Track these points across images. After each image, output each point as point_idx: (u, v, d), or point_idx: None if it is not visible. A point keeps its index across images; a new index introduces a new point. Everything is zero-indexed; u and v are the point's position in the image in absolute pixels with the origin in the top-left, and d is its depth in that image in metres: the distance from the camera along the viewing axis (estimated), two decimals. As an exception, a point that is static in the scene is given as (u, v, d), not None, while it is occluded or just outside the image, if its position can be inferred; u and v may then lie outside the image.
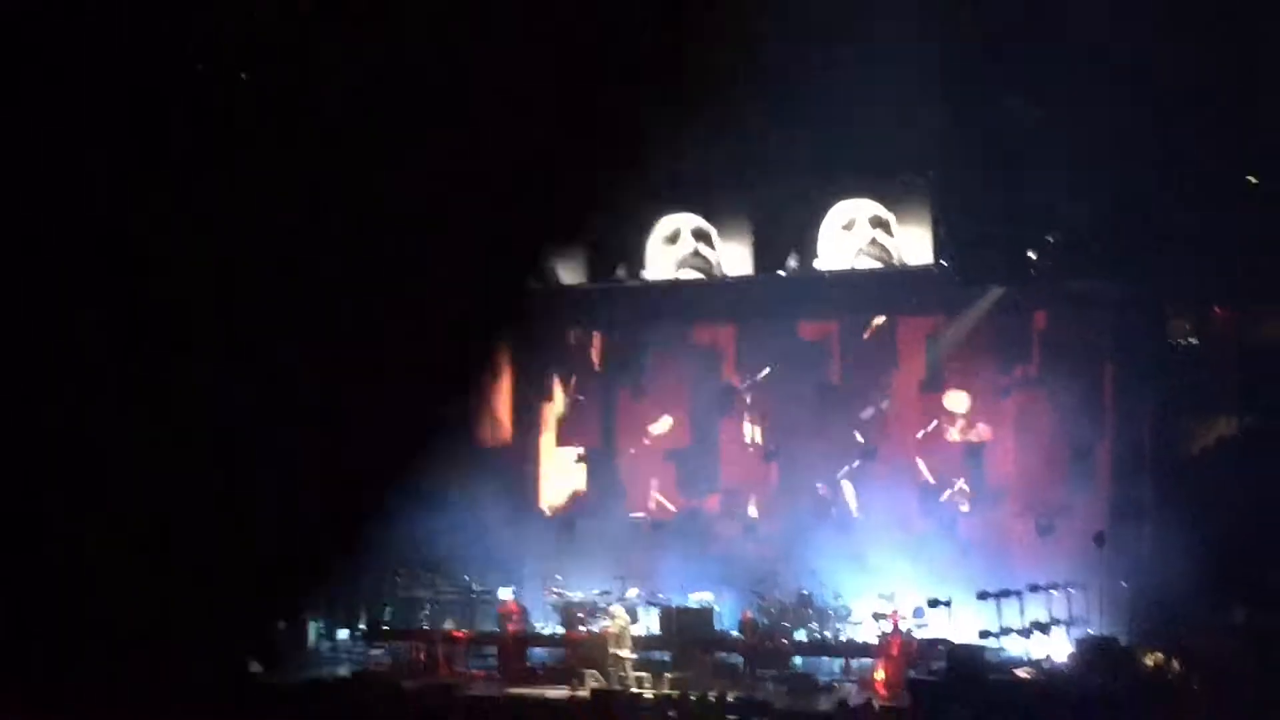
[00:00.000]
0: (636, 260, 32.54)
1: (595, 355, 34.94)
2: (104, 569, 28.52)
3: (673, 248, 32.38)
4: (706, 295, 32.66)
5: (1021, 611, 26.75)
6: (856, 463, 32.27)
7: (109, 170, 28.97)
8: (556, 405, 35.17)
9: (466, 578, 32.11)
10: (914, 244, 30.43)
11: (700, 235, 32.17)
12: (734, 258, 31.88)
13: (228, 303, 30.00)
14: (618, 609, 28.55)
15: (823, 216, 31.08)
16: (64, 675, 26.51)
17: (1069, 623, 26.99)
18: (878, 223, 30.73)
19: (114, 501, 29.20)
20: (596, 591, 30.27)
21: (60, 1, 28.34)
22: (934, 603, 27.29)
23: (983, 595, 26.78)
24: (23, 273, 29.05)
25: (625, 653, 27.74)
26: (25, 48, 28.31)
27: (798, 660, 28.90)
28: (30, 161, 28.45)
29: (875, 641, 28.13)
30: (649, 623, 29.98)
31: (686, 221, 32.27)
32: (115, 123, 28.85)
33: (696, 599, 30.13)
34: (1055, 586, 27.24)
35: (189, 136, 29.15)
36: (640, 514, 33.96)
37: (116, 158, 29.00)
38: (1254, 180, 27.75)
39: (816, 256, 31.09)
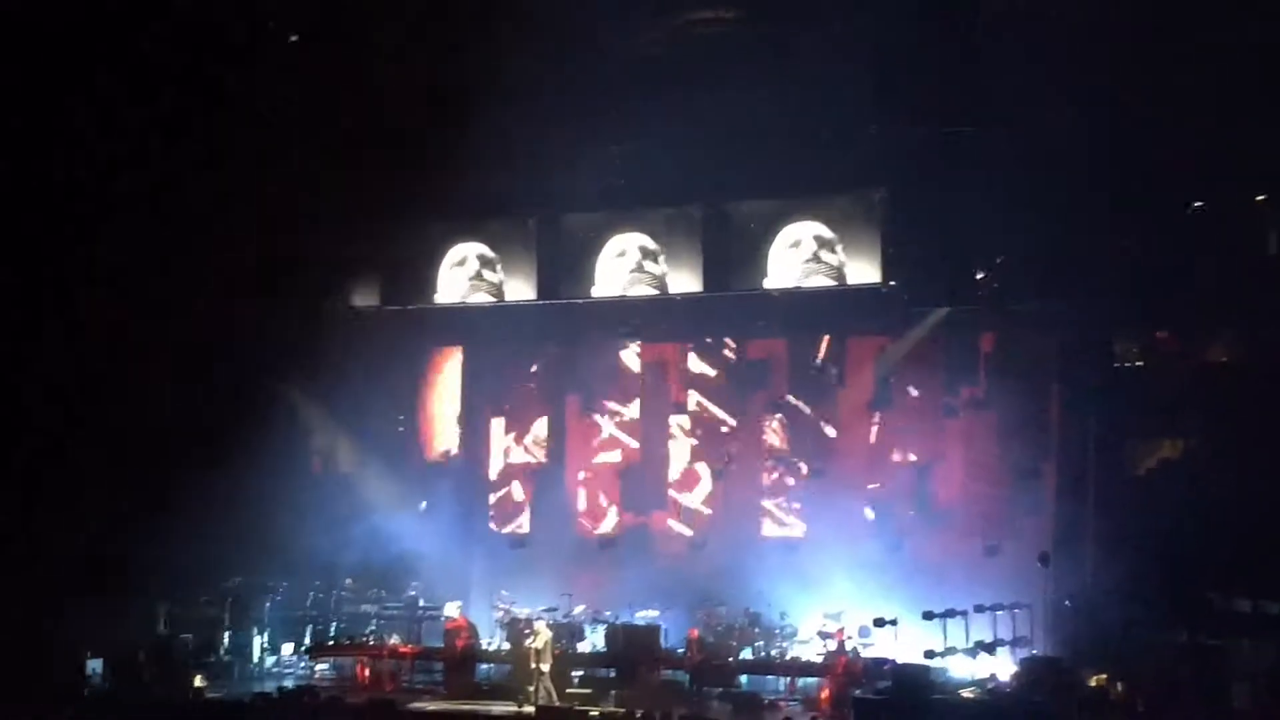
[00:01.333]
0: (586, 276, 32.53)
1: (544, 371, 34.87)
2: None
3: (621, 262, 32.35)
4: (656, 312, 32.68)
5: (967, 631, 26.89)
6: (804, 480, 32.33)
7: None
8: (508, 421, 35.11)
9: (413, 593, 32.09)
10: (862, 264, 30.49)
11: (648, 253, 32.18)
12: (683, 277, 31.89)
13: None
14: (540, 625, 28.44)
15: (772, 236, 31.13)
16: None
17: (1013, 643, 27.14)
18: (823, 242, 30.78)
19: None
20: (543, 608, 30.25)
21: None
22: (880, 622, 27.34)
23: (928, 615, 26.88)
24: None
25: (546, 668, 27.69)
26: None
27: (743, 678, 28.92)
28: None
29: (820, 660, 28.25)
30: (595, 640, 29.99)
31: (635, 240, 32.27)
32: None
33: (643, 616, 30.16)
34: (1000, 607, 27.38)
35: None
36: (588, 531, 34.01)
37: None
38: (1200, 206, 27.99)
39: (766, 275, 31.12)
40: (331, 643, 31.60)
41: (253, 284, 29.79)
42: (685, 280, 31.83)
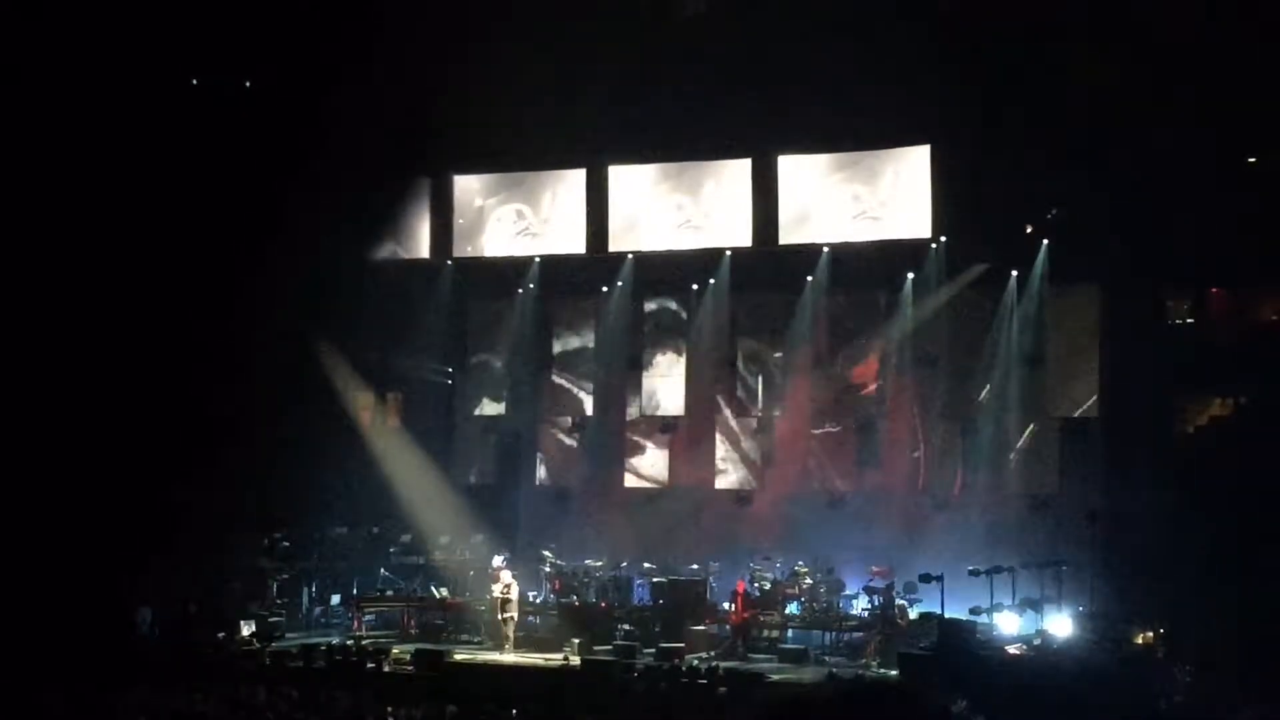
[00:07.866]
0: (631, 229, 32.48)
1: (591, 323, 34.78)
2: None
3: (666, 216, 32.29)
4: (702, 266, 32.59)
5: (1013, 588, 26.80)
6: (852, 437, 32.28)
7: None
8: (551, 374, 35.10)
9: (458, 544, 32.18)
10: (912, 219, 30.34)
11: (692, 207, 32.11)
12: (728, 231, 31.81)
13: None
14: (504, 574, 28.54)
15: (821, 189, 31.01)
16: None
17: (1060, 600, 27.05)
18: (872, 196, 30.65)
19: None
20: (588, 561, 30.30)
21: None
22: (926, 578, 27.28)
23: (975, 572, 26.80)
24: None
25: (510, 615, 28.03)
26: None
27: (790, 632, 28.92)
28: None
29: (866, 615, 28.24)
30: (642, 593, 30.04)
31: (680, 193, 32.21)
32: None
33: (690, 570, 30.18)
34: (1047, 564, 27.29)
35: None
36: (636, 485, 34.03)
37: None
38: (1253, 161, 27.73)
39: (813, 229, 30.99)
40: (378, 594, 31.72)
41: (293, 237, 29.80)
42: (732, 234, 31.78)
